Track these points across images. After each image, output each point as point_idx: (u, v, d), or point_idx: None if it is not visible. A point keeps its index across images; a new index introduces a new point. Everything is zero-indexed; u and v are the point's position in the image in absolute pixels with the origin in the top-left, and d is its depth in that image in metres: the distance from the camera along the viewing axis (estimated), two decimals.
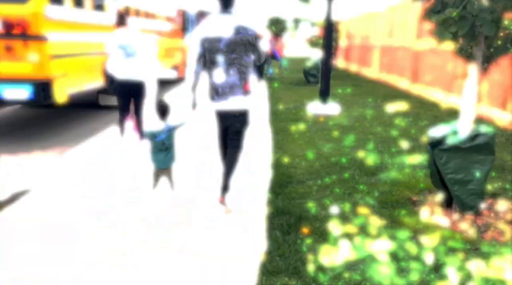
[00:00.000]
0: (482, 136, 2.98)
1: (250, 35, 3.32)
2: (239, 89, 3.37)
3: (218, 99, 3.40)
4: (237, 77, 3.36)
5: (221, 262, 2.64)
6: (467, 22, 2.75)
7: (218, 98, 3.40)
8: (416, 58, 9.69)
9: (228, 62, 3.31)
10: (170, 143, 3.50)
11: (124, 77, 4.98)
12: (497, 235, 2.92)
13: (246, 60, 3.37)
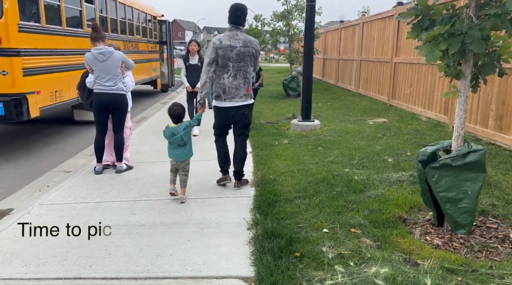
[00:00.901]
0: (473, 153, 2.95)
1: (254, 48, 4.22)
2: (243, 90, 4.20)
3: (225, 97, 4.18)
4: (242, 81, 4.18)
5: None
6: (457, 40, 2.73)
7: (225, 97, 4.18)
8: (394, 72, 9.83)
9: (236, 68, 4.14)
10: (187, 138, 4.01)
11: (101, 90, 4.78)
12: (491, 254, 2.87)
13: (249, 68, 4.24)
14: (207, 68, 4.16)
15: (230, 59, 4.11)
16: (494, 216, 3.45)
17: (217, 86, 4.22)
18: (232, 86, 4.15)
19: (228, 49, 4.09)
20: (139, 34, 12.68)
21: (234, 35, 4.16)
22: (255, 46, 4.22)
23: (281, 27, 15.76)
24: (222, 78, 4.16)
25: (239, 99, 4.20)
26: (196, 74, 6.70)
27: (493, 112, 5.95)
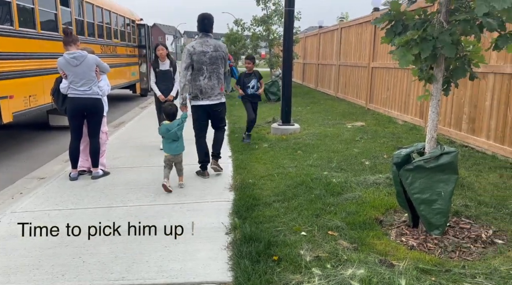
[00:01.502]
0: (446, 155, 3.02)
1: (224, 52, 4.83)
2: (217, 90, 4.80)
3: (202, 97, 4.73)
4: (216, 81, 4.77)
5: None
6: (429, 44, 2.80)
7: (202, 96, 4.73)
8: (372, 77, 10.00)
9: (210, 70, 4.70)
10: (180, 134, 4.51)
11: (76, 95, 4.68)
12: (464, 254, 2.93)
13: (221, 70, 4.82)
14: (184, 72, 4.63)
15: (204, 63, 4.66)
16: (467, 216, 3.53)
17: (194, 87, 4.71)
18: (208, 87, 4.72)
19: (201, 54, 4.63)
20: (117, 38, 12.52)
21: (205, 41, 4.70)
22: (224, 50, 4.83)
23: (261, 31, 15.83)
24: (198, 80, 4.70)
25: (215, 97, 4.80)
26: (168, 81, 6.18)
27: (466, 115, 6.12)
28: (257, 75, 6.95)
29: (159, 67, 6.19)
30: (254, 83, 6.88)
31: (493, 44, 2.85)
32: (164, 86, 6.20)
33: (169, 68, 6.20)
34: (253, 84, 6.87)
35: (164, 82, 6.20)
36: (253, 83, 6.88)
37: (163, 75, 6.19)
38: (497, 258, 2.83)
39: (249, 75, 6.95)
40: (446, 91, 3.22)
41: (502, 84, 5.34)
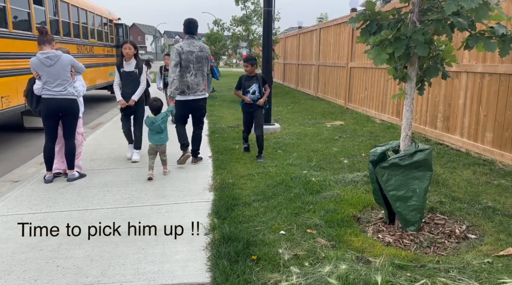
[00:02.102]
0: (420, 152, 3.07)
1: (207, 52, 5.42)
2: (202, 86, 5.35)
3: (189, 92, 5.26)
4: (201, 78, 5.33)
5: None
6: (402, 43, 2.84)
7: (189, 92, 5.26)
8: (350, 76, 10.12)
9: (196, 68, 5.26)
10: (164, 126, 4.94)
11: (50, 96, 4.57)
12: (439, 249, 2.99)
13: (205, 69, 5.40)
14: (174, 68, 5.14)
15: (191, 62, 5.21)
16: (441, 212, 3.61)
17: (182, 83, 5.22)
18: (194, 83, 5.26)
19: (188, 53, 5.18)
20: (94, 38, 12.30)
21: (191, 42, 5.26)
22: (207, 51, 5.44)
23: (241, 32, 15.82)
24: (186, 77, 5.22)
25: (200, 93, 5.35)
26: (133, 84, 5.49)
27: (441, 113, 6.26)
28: (260, 79, 5.71)
29: (123, 68, 5.51)
30: (256, 88, 5.66)
31: (464, 44, 2.91)
32: (129, 90, 5.50)
33: (133, 69, 5.47)
34: (254, 89, 5.66)
35: (130, 85, 5.50)
36: (254, 88, 5.66)
37: (127, 77, 5.50)
38: (470, 252, 2.90)
39: (250, 79, 5.72)
40: (420, 90, 3.29)
41: (475, 83, 5.49)
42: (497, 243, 3.01)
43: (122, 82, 5.57)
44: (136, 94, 5.52)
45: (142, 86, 5.55)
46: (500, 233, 3.17)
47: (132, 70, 5.50)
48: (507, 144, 4.92)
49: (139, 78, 5.53)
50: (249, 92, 5.66)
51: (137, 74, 5.51)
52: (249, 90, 5.66)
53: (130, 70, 5.50)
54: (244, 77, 5.73)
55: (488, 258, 2.78)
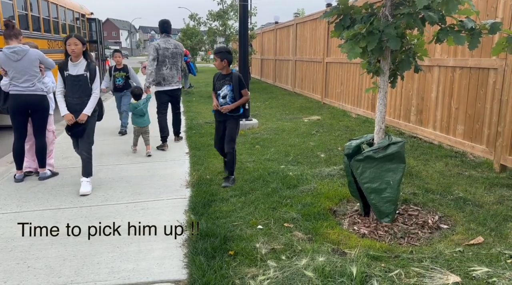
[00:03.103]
0: (393, 145, 3.12)
1: (181, 49, 6.17)
2: (176, 78, 6.07)
3: (164, 83, 5.98)
4: (175, 71, 6.04)
5: None
6: (375, 37, 2.88)
7: (165, 83, 5.98)
8: (326, 71, 10.20)
9: (171, 62, 5.99)
10: (146, 110, 5.79)
11: (18, 91, 4.41)
12: (412, 240, 3.06)
13: (179, 63, 6.13)
14: (152, 62, 5.85)
15: (167, 57, 5.95)
16: (415, 204, 3.69)
17: (158, 76, 5.93)
18: (169, 75, 5.98)
19: (165, 50, 5.94)
20: (65, 33, 11.95)
21: (167, 40, 6.03)
22: (181, 48, 6.19)
23: (218, 26, 15.70)
24: (162, 70, 5.94)
25: (174, 84, 6.07)
26: (81, 92, 4.18)
27: (414, 107, 6.39)
28: (235, 80, 4.34)
29: (68, 70, 4.17)
30: (228, 91, 4.35)
31: (435, 37, 2.97)
32: (76, 100, 4.19)
33: (83, 73, 4.17)
34: (225, 93, 4.36)
35: (77, 93, 4.17)
36: (226, 90, 4.36)
37: (74, 82, 4.16)
38: (442, 242, 2.98)
39: (223, 78, 4.42)
40: (393, 84, 3.34)
41: (446, 77, 5.62)
42: (467, 233, 3.10)
43: (66, 89, 4.21)
44: (88, 107, 4.20)
45: (95, 95, 4.23)
46: (471, 223, 3.26)
47: (81, 73, 4.17)
48: (477, 136, 5.07)
49: (91, 85, 4.23)
50: (220, 96, 4.42)
51: (88, 78, 4.20)
52: (219, 93, 4.42)
53: (78, 73, 4.17)
54: (216, 76, 4.52)
55: (459, 247, 2.86)
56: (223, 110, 4.34)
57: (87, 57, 4.28)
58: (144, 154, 5.72)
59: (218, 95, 4.45)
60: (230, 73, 4.42)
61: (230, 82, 4.38)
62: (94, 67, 4.28)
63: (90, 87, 4.24)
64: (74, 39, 4.16)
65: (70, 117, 4.19)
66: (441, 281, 2.40)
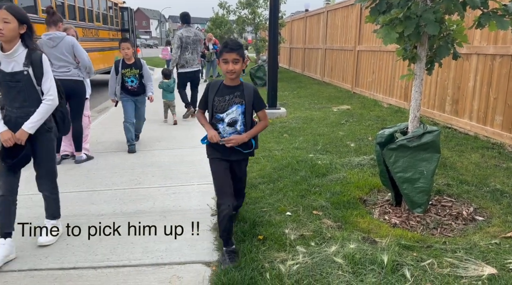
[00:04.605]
0: (428, 134, 3.05)
1: (200, 36, 7.49)
2: (196, 61, 7.43)
3: (187, 66, 7.33)
4: (196, 55, 7.40)
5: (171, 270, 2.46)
6: (412, 22, 2.79)
7: (187, 65, 7.33)
8: (357, 60, 10.00)
9: (192, 48, 7.31)
10: (174, 87, 7.28)
11: (56, 77, 4.55)
12: (445, 231, 2.99)
13: (198, 48, 7.52)
14: (176, 50, 7.24)
15: (189, 44, 7.30)
16: (448, 195, 3.59)
17: (182, 59, 7.30)
18: (191, 59, 7.33)
19: (187, 38, 7.27)
20: (99, 21, 12.23)
21: (188, 29, 7.33)
22: (200, 35, 7.51)
23: (247, 15, 15.64)
24: (185, 55, 7.29)
25: (195, 66, 7.45)
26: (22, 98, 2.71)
27: (450, 96, 6.18)
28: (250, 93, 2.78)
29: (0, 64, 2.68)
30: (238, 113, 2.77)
31: (476, 22, 2.85)
32: (17, 111, 2.73)
33: (22, 69, 2.67)
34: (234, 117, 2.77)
35: (16, 101, 2.72)
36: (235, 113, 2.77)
37: (11, 84, 2.70)
38: (477, 234, 2.90)
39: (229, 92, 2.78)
40: (429, 71, 3.24)
41: (485, 65, 5.40)
42: (504, 225, 3.00)
43: (2, 94, 2.77)
44: (31, 120, 2.71)
45: (46, 103, 2.76)
46: (508, 215, 3.15)
47: (20, 70, 2.67)
48: None
49: (38, 86, 2.76)
50: (223, 122, 2.76)
51: (32, 77, 2.71)
52: (222, 117, 2.75)
53: (14, 69, 2.68)
54: (213, 88, 2.79)
55: (496, 239, 2.78)
56: (232, 143, 2.70)
57: (28, 43, 2.70)
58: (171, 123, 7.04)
59: (218, 121, 2.75)
60: (241, 85, 2.76)
61: (242, 99, 2.73)
62: (40, 58, 2.71)
63: (36, 89, 2.75)
64: (3, 11, 2.57)
65: (7, 137, 2.68)
66: (476, 272, 2.34)
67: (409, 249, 2.64)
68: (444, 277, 2.34)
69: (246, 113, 2.76)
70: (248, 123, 2.80)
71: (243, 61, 2.72)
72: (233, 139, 2.71)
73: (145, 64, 5.39)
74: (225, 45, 2.68)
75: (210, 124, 2.81)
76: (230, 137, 2.73)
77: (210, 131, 2.74)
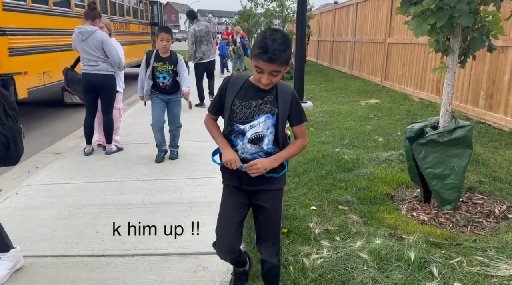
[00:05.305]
0: (460, 129, 2.95)
1: (210, 27, 8.04)
2: (212, 51, 8.12)
3: (205, 57, 8.00)
4: (211, 46, 8.04)
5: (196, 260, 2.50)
6: (445, 13, 2.70)
7: (205, 57, 7.99)
8: (388, 53, 9.77)
9: (206, 39, 7.93)
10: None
11: (86, 71, 4.69)
12: (476, 229, 2.90)
13: (211, 38, 8.12)
14: (191, 46, 7.88)
15: (203, 37, 7.92)
16: (480, 192, 3.48)
17: (199, 52, 7.94)
18: (207, 50, 7.99)
19: (200, 32, 7.87)
20: (129, 15, 12.47)
21: (199, 24, 8.00)
22: (210, 27, 8.15)
23: (275, 7, 15.53)
24: (201, 47, 7.93)
25: (212, 56, 8.17)
26: None
27: (484, 91, 5.95)
28: (285, 101, 1.94)
29: None
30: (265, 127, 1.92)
31: None
32: None
33: None
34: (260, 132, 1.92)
35: None
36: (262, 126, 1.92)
37: None
38: (509, 232, 2.79)
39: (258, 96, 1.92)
40: (462, 63, 3.12)
41: None
42: None
43: None
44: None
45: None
46: None
47: None
48: None
49: None
50: (244, 135, 1.94)
51: None
52: (242, 129, 1.93)
53: None
54: (237, 83, 1.97)
55: None
56: (256, 171, 1.87)
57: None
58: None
59: (238, 134, 1.94)
60: (274, 86, 1.93)
61: (275, 108, 1.91)
62: None
63: None
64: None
65: None
66: (507, 272, 2.26)
67: (438, 247, 2.58)
68: (474, 275, 2.27)
69: (279, 127, 1.91)
70: (281, 140, 1.95)
71: (287, 66, 1.84)
72: (257, 163, 1.85)
73: (181, 60, 4.52)
74: (263, 50, 1.73)
75: (225, 137, 1.97)
76: (253, 163, 1.86)
77: (226, 152, 1.91)
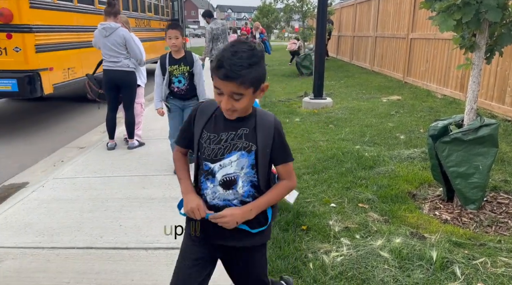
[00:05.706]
0: (485, 127, 2.88)
1: (226, 25, 8.03)
2: None
3: None
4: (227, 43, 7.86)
5: None
6: (472, 8, 2.63)
7: None
8: (410, 48, 9.59)
9: (223, 37, 8.04)
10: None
11: (108, 67, 4.78)
12: (501, 229, 2.84)
13: (227, 35, 8.24)
14: (208, 43, 8.02)
15: (219, 35, 8.02)
16: (506, 192, 3.39)
17: (216, 50, 7.83)
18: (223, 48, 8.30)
19: (216, 30, 7.97)
20: (150, 12, 12.60)
21: (216, 22, 8.12)
22: (226, 25, 8.26)
23: (294, 3, 15.42)
24: (218, 45, 7.94)
25: None
26: None
27: (510, 88, 5.78)
28: (267, 135, 1.49)
29: None
30: (239, 167, 1.49)
31: None
32: None
33: None
34: (233, 173, 1.50)
35: None
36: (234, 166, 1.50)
37: None
38: None
39: (230, 128, 1.50)
40: (488, 60, 3.04)
41: None
42: None
43: None
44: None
45: None
46: None
47: None
48: None
49: None
50: (213, 176, 1.53)
51: None
52: (211, 168, 1.53)
53: None
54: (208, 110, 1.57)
55: None
56: (224, 223, 1.48)
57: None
58: None
59: (207, 174, 1.55)
60: (252, 114, 1.53)
61: (252, 143, 1.50)
62: None
63: None
64: None
65: None
66: None
67: (460, 247, 2.54)
68: (498, 277, 2.23)
69: (259, 168, 1.50)
70: (264, 184, 1.54)
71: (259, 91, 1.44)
72: (225, 216, 1.46)
73: (198, 60, 4.02)
74: (218, 63, 1.37)
75: (195, 178, 1.61)
76: (220, 215, 1.47)
77: (188, 198, 1.54)
